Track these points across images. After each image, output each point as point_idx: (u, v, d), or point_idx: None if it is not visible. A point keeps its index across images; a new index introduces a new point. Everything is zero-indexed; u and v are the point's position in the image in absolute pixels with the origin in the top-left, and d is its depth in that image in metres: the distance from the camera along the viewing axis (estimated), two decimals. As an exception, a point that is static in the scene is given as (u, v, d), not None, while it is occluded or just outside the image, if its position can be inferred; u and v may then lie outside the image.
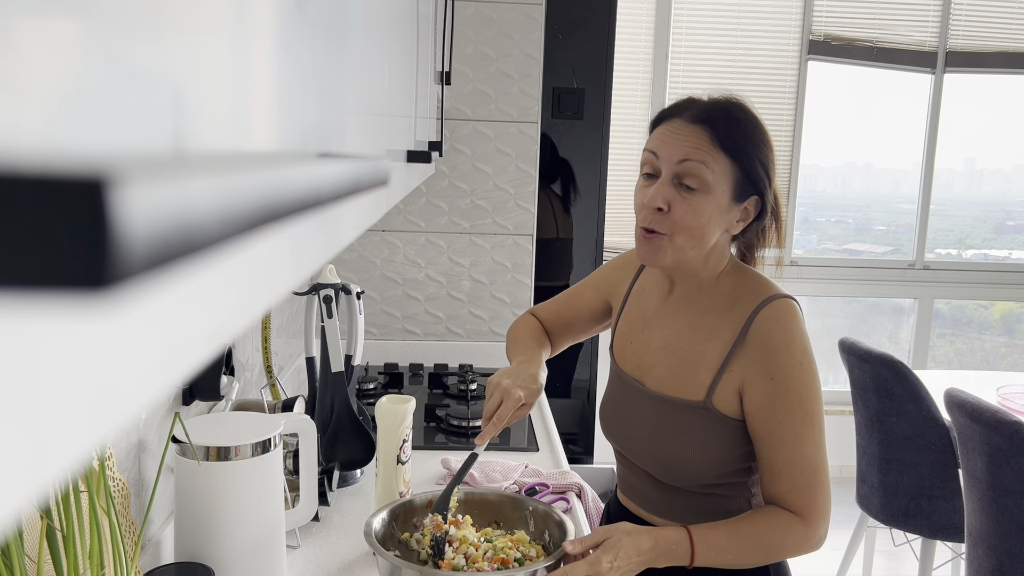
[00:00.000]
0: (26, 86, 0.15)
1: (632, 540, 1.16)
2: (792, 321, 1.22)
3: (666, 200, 1.21)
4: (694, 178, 1.19)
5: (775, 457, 1.21)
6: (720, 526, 1.20)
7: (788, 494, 1.20)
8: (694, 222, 1.20)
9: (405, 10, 0.81)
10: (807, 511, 1.20)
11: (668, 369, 1.30)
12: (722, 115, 1.21)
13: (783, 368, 1.20)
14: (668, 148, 1.22)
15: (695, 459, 1.26)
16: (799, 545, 1.21)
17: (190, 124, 0.23)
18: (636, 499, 1.38)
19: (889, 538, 3.23)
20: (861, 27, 4.05)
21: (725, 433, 1.24)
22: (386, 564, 1.17)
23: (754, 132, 1.22)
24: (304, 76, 0.37)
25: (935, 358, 4.51)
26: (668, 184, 1.21)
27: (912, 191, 4.34)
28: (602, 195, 2.96)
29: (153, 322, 0.19)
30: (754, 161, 1.21)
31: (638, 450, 1.33)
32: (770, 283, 1.29)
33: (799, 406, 1.20)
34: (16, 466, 0.15)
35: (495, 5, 2.50)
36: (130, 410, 0.18)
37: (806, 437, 1.20)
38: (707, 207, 1.20)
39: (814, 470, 1.20)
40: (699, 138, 1.20)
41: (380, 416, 1.39)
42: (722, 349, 1.25)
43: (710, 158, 1.19)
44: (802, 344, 1.22)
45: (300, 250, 0.34)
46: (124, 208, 0.14)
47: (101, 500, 0.91)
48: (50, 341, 0.15)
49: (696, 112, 1.22)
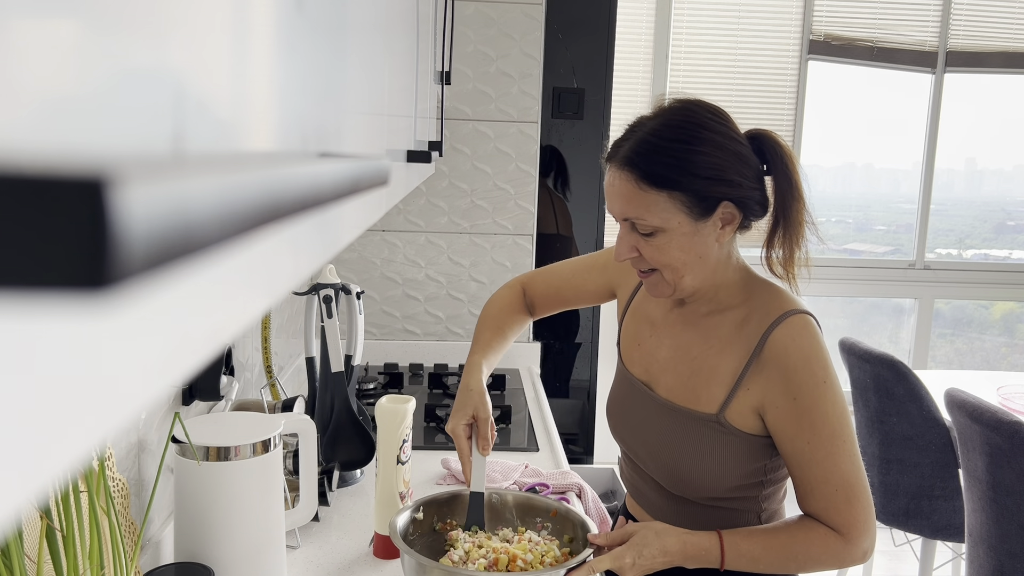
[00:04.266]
0: (26, 85, 0.15)
1: (659, 540, 1.15)
2: (809, 338, 1.18)
3: (631, 247, 1.20)
4: (643, 225, 1.17)
5: (807, 476, 1.18)
6: (755, 535, 1.18)
7: (825, 511, 1.18)
8: (667, 259, 1.18)
9: (405, 10, 0.81)
10: (846, 527, 1.17)
11: (679, 379, 1.28)
12: (645, 149, 1.15)
13: (805, 387, 1.16)
14: (611, 204, 1.20)
15: (704, 472, 1.24)
16: (838, 560, 1.18)
17: (190, 124, 0.23)
18: (643, 504, 1.37)
19: (889, 538, 3.23)
20: (861, 27, 4.05)
21: (737, 448, 1.22)
22: (412, 562, 1.16)
23: (683, 150, 1.14)
24: (304, 76, 0.37)
25: (935, 358, 4.51)
26: (628, 232, 1.20)
27: (912, 191, 4.34)
28: (602, 195, 2.95)
29: (153, 322, 0.19)
30: (692, 180, 1.14)
31: (646, 457, 1.32)
32: (784, 296, 1.24)
33: (825, 424, 1.16)
34: (16, 466, 0.15)
35: (495, 5, 2.50)
36: (130, 410, 0.18)
37: (837, 454, 1.16)
38: (672, 242, 1.17)
39: (851, 486, 1.16)
40: (627, 186, 1.16)
41: (380, 416, 1.39)
42: (736, 364, 1.22)
43: (644, 205, 1.15)
44: (822, 361, 1.17)
45: (300, 250, 0.34)
46: (124, 208, 0.14)
47: (101, 500, 0.91)
48: (50, 341, 0.15)
49: (623, 153, 1.17)
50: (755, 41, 4.03)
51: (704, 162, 1.14)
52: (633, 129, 1.20)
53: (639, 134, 1.17)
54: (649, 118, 1.20)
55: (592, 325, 2.90)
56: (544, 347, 2.82)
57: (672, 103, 1.20)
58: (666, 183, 1.14)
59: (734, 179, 1.15)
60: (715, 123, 1.17)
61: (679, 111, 1.18)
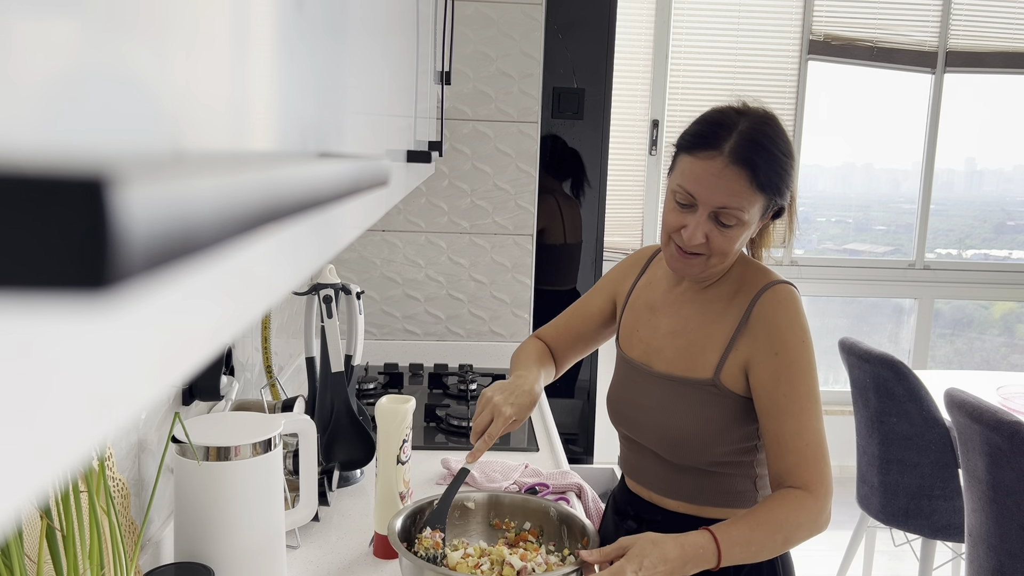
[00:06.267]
0: (26, 85, 0.15)
1: (658, 549, 1.15)
2: (792, 303, 1.29)
3: (704, 234, 1.25)
4: (732, 218, 1.23)
5: (781, 429, 1.24)
6: (738, 520, 1.21)
7: (796, 466, 1.23)
8: (730, 248, 1.26)
9: (405, 10, 0.81)
10: (815, 483, 1.22)
11: (677, 351, 1.34)
12: (765, 154, 1.22)
13: (787, 344, 1.25)
14: (707, 192, 1.23)
15: (702, 433, 1.29)
16: (812, 521, 1.22)
17: (190, 124, 0.23)
18: (642, 480, 1.40)
19: (889, 538, 3.23)
20: (861, 27, 4.05)
21: (732, 408, 1.29)
22: (409, 565, 1.16)
23: (786, 163, 1.24)
24: (304, 76, 0.37)
25: (935, 358, 4.51)
26: (706, 219, 1.24)
27: (912, 191, 4.34)
28: (602, 195, 2.96)
29: (153, 322, 0.19)
30: (784, 190, 1.26)
31: (646, 429, 1.36)
32: (771, 271, 1.35)
33: (803, 380, 1.25)
34: (16, 466, 0.15)
35: (495, 5, 2.50)
36: (130, 410, 0.18)
37: (811, 410, 1.25)
38: (741, 235, 1.26)
39: (819, 443, 1.24)
40: (739, 183, 1.21)
41: (380, 416, 1.39)
42: (728, 329, 1.30)
43: (748, 202, 1.23)
44: (802, 324, 1.28)
45: (300, 250, 0.34)
46: (124, 208, 0.14)
47: (101, 500, 0.91)
48: (50, 341, 0.15)
49: (737, 150, 1.21)
50: (755, 41, 4.03)
51: (792, 176, 1.27)
52: (722, 124, 1.24)
53: (744, 133, 1.22)
54: (735, 115, 1.24)
55: (592, 325, 2.90)
56: (544, 347, 2.82)
57: (757, 107, 1.28)
58: (771, 189, 1.23)
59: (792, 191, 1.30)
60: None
61: (773, 119, 1.26)
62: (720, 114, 1.26)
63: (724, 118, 1.24)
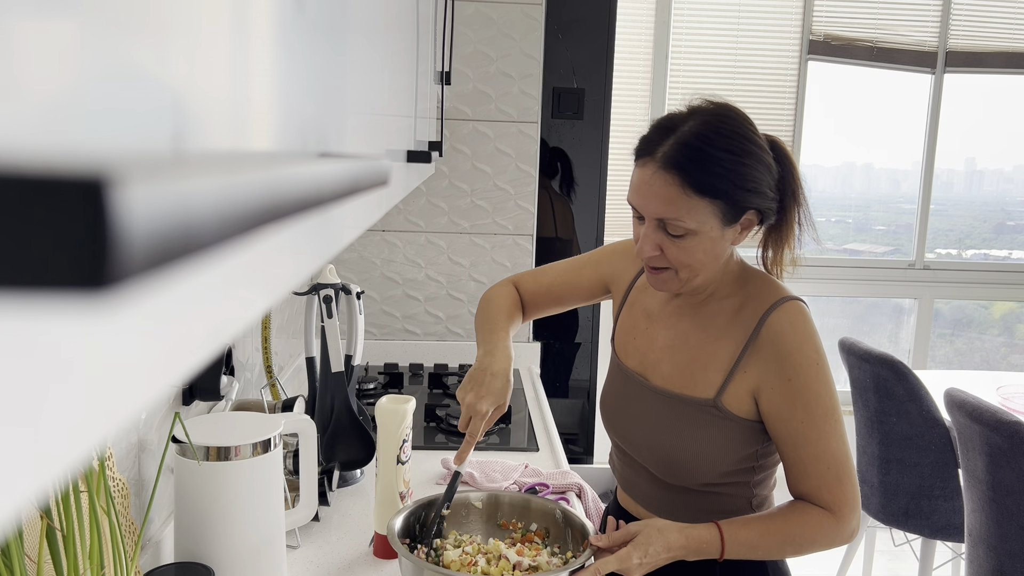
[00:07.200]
0: (26, 85, 0.15)
1: (663, 537, 1.17)
2: (803, 322, 1.23)
3: (655, 245, 1.19)
4: (676, 227, 1.17)
5: (799, 455, 1.21)
6: (751, 523, 1.20)
7: (818, 490, 1.21)
8: (690, 260, 1.19)
9: (405, 10, 0.81)
10: (837, 505, 1.20)
11: (675, 367, 1.30)
12: (695, 156, 1.14)
13: (799, 369, 1.20)
14: (644, 201, 1.18)
15: (698, 456, 1.26)
16: (831, 540, 1.21)
17: (190, 124, 0.23)
18: (635, 496, 1.39)
19: (889, 538, 3.23)
20: (861, 27, 4.05)
21: (732, 432, 1.25)
22: (409, 565, 1.17)
23: (732, 162, 1.15)
24: (304, 76, 0.37)
25: (935, 358, 4.51)
26: (654, 230, 1.19)
27: (912, 191, 4.34)
28: (602, 195, 2.95)
29: (153, 322, 0.19)
30: (735, 191, 1.16)
31: (639, 446, 1.33)
32: (777, 285, 1.28)
33: (818, 403, 1.20)
34: (16, 466, 0.15)
35: (495, 5, 2.50)
36: (130, 410, 0.18)
37: (829, 432, 1.20)
38: (699, 245, 1.18)
39: (841, 464, 1.21)
40: (670, 189, 1.15)
41: (380, 416, 1.39)
42: (734, 349, 1.25)
43: (684, 209, 1.15)
44: (815, 344, 1.22)
45: (300, 250, 0.34)
46: (124, 208, 0.14)
47: (101, 500, 0.91)
48: (50, 341, 0.15)
49: (667, 154, 1.15)
50: (755, 41, 4.03)
51: (748, 175, 1.16)
52: (667, 128, 1.18)
53: (681, 135, 1.16)
54: (684, 117, 1.18)
55: (592, 325, 2.90)
56: (544, 347, 2.82)
57: (706, 104, 1.20)
58: (712, 192, 1.15)
59: (764, 190, 1.19)
60: (754, 135, 1.19)
61: (722, 117, 1.18)
62: (668, 118, 1.19)
63: (670, 121, 1.19)
